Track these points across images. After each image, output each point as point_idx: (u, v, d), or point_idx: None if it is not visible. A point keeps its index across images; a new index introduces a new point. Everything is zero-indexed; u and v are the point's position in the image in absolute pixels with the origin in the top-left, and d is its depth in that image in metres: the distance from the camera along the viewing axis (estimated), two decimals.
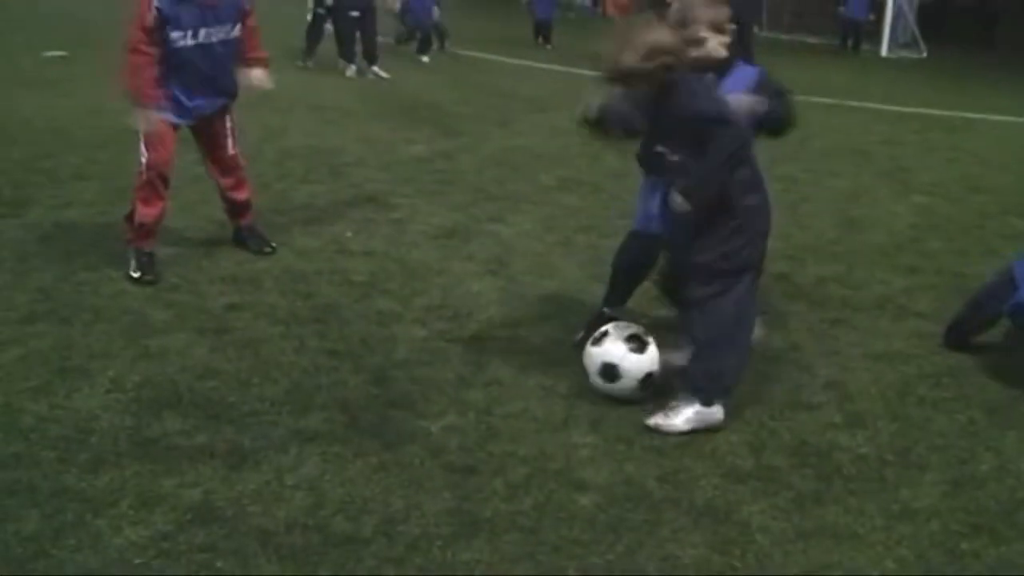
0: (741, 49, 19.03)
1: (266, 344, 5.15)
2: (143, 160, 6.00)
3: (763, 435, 4.46)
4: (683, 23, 4.68)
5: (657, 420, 4.48)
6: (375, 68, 15.82)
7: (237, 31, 6.05)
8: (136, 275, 5.93)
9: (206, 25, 5.85)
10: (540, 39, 22.50)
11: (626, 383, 4.65)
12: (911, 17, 25.51)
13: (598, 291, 5.64)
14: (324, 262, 6.42)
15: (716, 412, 4.49)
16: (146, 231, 6.07)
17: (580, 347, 4.90)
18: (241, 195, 6.57)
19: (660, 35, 4.34)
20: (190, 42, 5.82)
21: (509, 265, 6.59)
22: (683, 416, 4.46)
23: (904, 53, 24.52)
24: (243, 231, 6.65)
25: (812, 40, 27.47)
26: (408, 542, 3.55)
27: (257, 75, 6.38)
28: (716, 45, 4.75)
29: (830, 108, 14.57)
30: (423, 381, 4.83)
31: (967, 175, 10.37)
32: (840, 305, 6.15)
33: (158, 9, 5.69)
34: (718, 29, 4.76)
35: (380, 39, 16.21)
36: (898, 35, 25.18)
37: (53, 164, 8.63)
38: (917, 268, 6.96)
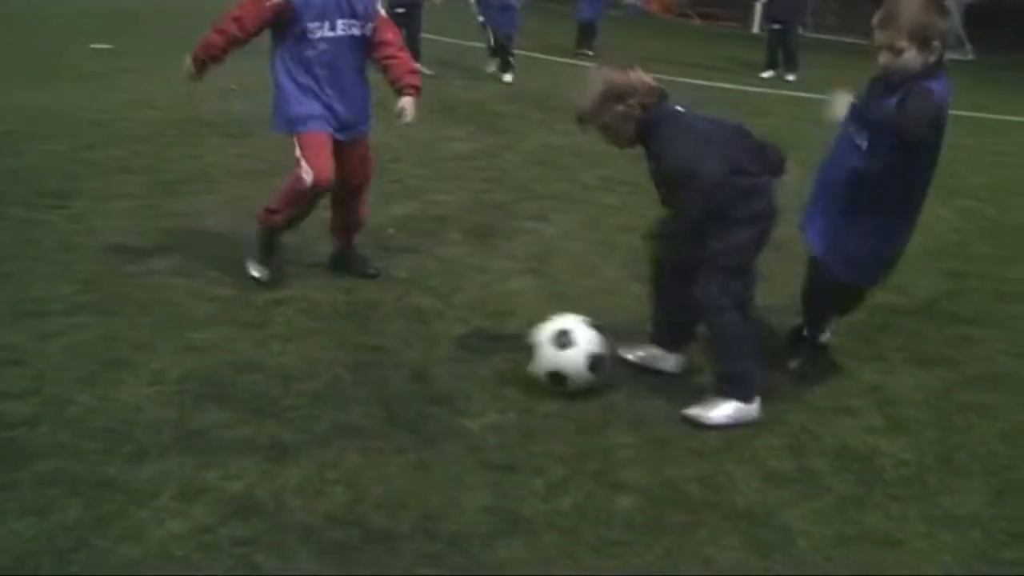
0: (783, 50, 18.82)
1: (308, 339, 5.18)
2: (307, 178, 5.51)
3: (804, 438, 4.44)
4: (884, 24, 4.44)
5: (695, 412, 4.51)
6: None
7: (369, 31, 5.72)
8: (255, 274, 5.88)
9: (343, 16, 5.54)
10: (583, 46, 19.06)
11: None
12: (957, 18, 25.25)
13: (638, 291, 5.63)
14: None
15: (753, 409, 4.52)
16: (278, 229, 5.91)
17: (800, 376, 4.99)
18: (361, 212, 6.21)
19: (612, 79, 4.54)
20: (328, 33, 5.50)
21: (550, 264, 6.59)
22: (721, 411, 4.49)
23: (950, 55, 24.29)
24: (348, 253, 6.26)
25: (857, 41, 27.25)
26: (447, 539, 3.56)
27: (407, 103, 5.87)
28: (912, 59, 4.39)
29: None
30: (463, 378, 4.83)
31: (1015, 180, 10.26)
32: (884, 308, 6.08)
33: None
34: (922, 43, 4.38)
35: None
36: None
37: (98, 156, 8.71)
38: (961, 273, 6.90)
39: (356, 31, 5.64)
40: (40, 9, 20.27)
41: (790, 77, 17.64)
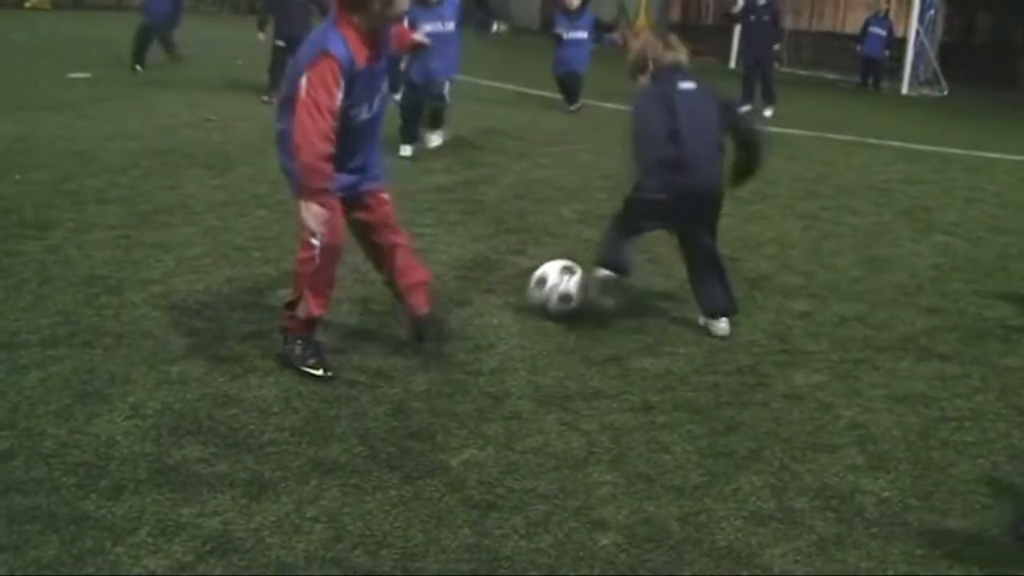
0: (761, 85, 18.74)
1: (286, 373, 5.14)
2: (315, 242, 5.03)
3: (785, 477, 4.43)
4: None
5: None
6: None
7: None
8: (318, 372, 5.15)
9: (375, 96, 5.13)
10: (571, 102, 15.81)
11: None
12: (932, 55, 25.50)
13: (620, 327, 5.62)
14: (345, 291, 6.38)
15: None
16: (315, 323, 5.32)
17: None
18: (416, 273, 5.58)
19: (640, 42, 6.15)
20: (365, 116, 5.10)
21: (529, 297, 6.57)
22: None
23: (925, 91, 24.50)
24: (421, 321, 5.58)
25: (833, 77, 27.49)
26: None
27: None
28: None
29: (850, 145, 14.55)
30: (443, 413, 4.81)
31: (989, 215, 10.32)
32: (862, 345, 6.11)
33: (344, 85, 4.85)
34: None
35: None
36: (919, 73, 25.16)
37: (75, 187, 8.67)
38: (939, 309, 6.92)
39: (379, 101, 5.21)
40: (15, 37, 20.24)
41: (767, 112, 17.74)
